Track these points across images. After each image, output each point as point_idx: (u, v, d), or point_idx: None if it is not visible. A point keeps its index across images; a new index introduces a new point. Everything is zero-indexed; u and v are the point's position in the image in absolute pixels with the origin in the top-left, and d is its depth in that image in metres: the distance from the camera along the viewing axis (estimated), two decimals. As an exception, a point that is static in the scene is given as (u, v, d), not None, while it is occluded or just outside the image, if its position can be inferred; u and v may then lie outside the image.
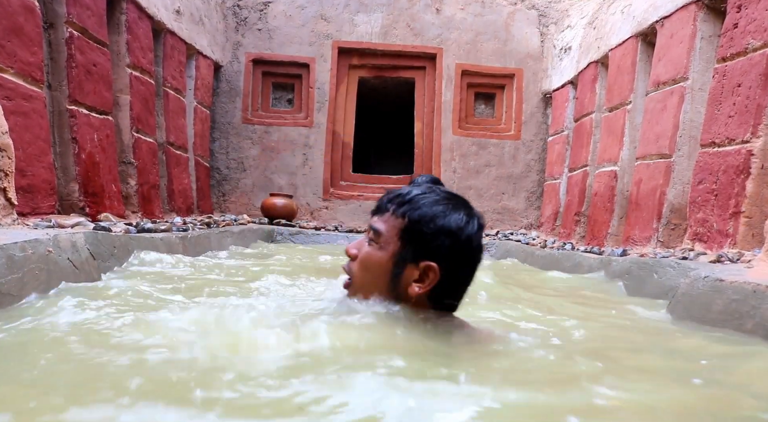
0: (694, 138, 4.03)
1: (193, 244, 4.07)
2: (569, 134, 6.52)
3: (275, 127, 7.40)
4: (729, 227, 3.41)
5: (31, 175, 3.49)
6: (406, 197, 1.56)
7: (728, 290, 2.10)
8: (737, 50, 3.53)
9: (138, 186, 4.93)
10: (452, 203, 1.55)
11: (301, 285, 2.59)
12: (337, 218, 7.36)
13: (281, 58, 7.38)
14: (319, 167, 7.39)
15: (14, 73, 3.39)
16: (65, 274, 2.19)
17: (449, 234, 1.51)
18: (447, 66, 7.44)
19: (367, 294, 1.58)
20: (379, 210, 1.62)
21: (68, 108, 3.98)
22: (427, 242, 1.51)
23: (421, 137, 7.60)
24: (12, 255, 1.90)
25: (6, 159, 2.64)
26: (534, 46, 7.48)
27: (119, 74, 4.78)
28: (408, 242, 1.53)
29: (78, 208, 3.99)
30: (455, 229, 1.51)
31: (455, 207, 1.54)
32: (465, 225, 1.52)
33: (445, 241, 1.50)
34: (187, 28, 6.02)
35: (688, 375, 1.33)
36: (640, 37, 4.89)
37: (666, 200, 4.15)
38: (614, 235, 4.96)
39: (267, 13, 7.37)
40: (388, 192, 1.64)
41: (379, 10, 7.41)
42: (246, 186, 7.37)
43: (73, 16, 3.96)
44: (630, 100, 4.97)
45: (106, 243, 2.82)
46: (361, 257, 1.62)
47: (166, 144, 5.68)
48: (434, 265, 1.50)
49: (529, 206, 7.48)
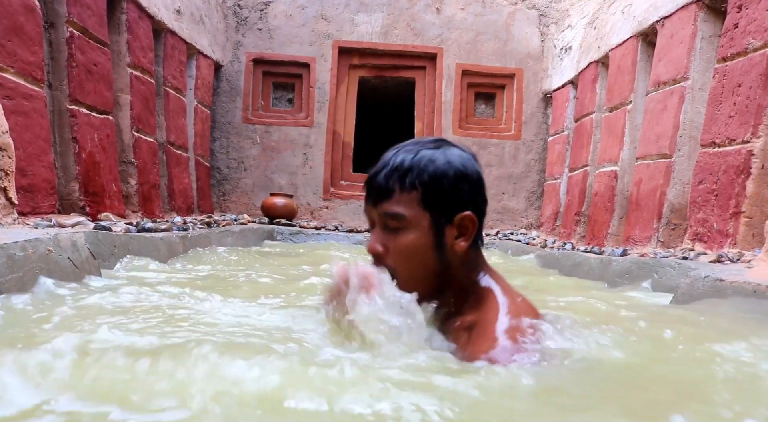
0: (694, 138, 4.03)
1: (194, 243, 4.07)
2: (569, 134, 6.52)
3: (276, 126, 7.41)
4: (729, 227, 3.41)
5: (32, 174, 3.49)
6: (402, 167, 1.45)
7: (728, 290, 2.10)
8: (737, 50, 3.53)
9: (138, 186, 4.94)
10: (440, 147, 1.49)
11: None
12: (338, 218, 7.36)
13: (282, 58, 7.38)
14: (320, 167, 7.39)
15: (15, 73, 3.39)
16: (65, 273, 2.19)
17: (463, 178, 1.46)
18: (447, 66, 7.44)
19: (419, 281, 1.46)
20: (380, 195, 1.49)
21: (69, 108, 3.98)
22: (450, 195, 1.45)
23: (422, 136, 7.59)
24: (12, 254, 1.91)
25: (6, 158, 2.64)
26: (534, 46, 7.48)
27: (120, 74, 4.78)
28: (434, 206, 1.45)
29: (78, 207, 3.99)
30: (463, 170, 1.47)
31: (445, 149, 1.48)
32: (466, 161, 1.49)
33: (464, 186, 1.46)
34: (187, 27, 6.02)
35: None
36: (641, 37, 4.89)
37: (666, 200, 4.15)
38: (614, 235, 4.96)
39: (267, 12, 7.37)
40: (372, 176, 1.51)
41: (379, 9, 7.41)
42: (246, 186, 7.37)
43: (74, 16, 3.96)
44: (630, 100, 4.97)
45: (106, 243, 2.82)
46: (394, 249, 1.46)
47: (166, 144, 5.68)
48: (468, 213, 1.46)
49: (530, 206, 7.48)
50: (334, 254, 4.48)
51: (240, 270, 3.23)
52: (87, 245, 2.49)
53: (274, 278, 2.93)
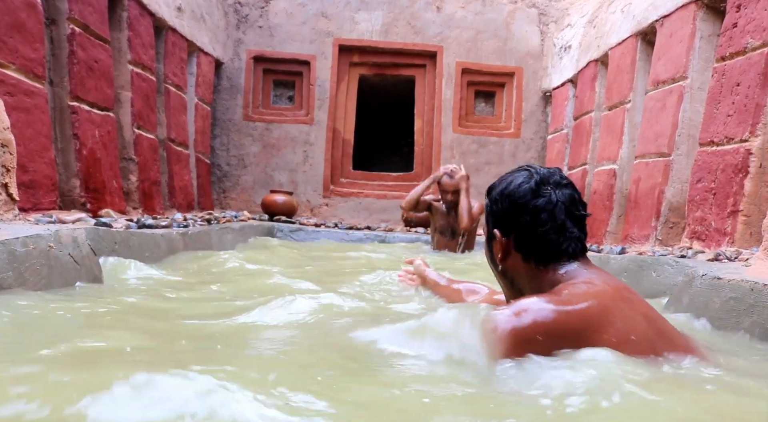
0: (692, 137, 4.04)
1: (194, 240, 4.08)
2: (569, 133, 6.53)
3: (276, 124, 7.42)
4: (727, 225, 3.42)
5: (33, 171, 3.50)
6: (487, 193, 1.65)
7: (726, 288, 2.11)
8: (736, 50, 3.54)
9: (139, 182, 4.95)
10: (516, 171, 1.60)
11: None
12: (338, 215, 7.37)
13: (282, 56, 7.38)
14: (320, 164, 7.40)
15: (16, 70, 3.40)
16: (66, 269, 2.20)
17: (504, 196, 1.55)
18: (447, 64, 7.45)
19: (501, 286, 1.69)
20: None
21: (70, 104, 3.99)
22: (493, 213, 1.59)
23: (422, 134, 7.62)
24: (14, 250, 1.92)
25: (8, 155, 2.65)
26: (534, 45, 7.48)
27: (120, 71, 4.79)
28: (487, 223, 1.62)
29: (79, 204, 4.00)
30: (508, 189, 1.55)
31: (515, 172, 1.60)
32: (519, 182, 1.55)
33: (504, 204, 1.55)
34: (188, 25, 6.03)
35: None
36: (640, 36, 4.90)
37: (665, 198, 4.17)
38: (613, 233, 4.97)
39: (268, 10, 7.37)
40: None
41: (379, 8, 7.42)
42: (246, 183, 7.38)
43: (75, 13, 3.97)
44: (629, 99, 4.98)
45: (107, 239, 2.83)
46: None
47: (167, 141, 5.69)
48: (495, 231, 1.57)
49: (529, 205, 7.48)
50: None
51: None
52: (88, 242, 2.50)
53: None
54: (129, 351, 1.30)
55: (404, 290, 2.50)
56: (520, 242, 1.54)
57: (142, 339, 1.42)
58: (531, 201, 1.51)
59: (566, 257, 1.51)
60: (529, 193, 1.52)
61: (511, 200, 1.53)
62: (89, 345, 1.30)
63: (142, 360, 1.22)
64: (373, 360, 1.28)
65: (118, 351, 1.29)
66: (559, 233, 1.50)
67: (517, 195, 1.53)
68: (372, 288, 2.69)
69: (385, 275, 2.86)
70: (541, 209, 1.51)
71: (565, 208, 1.51)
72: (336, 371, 1.20)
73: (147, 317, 1.80)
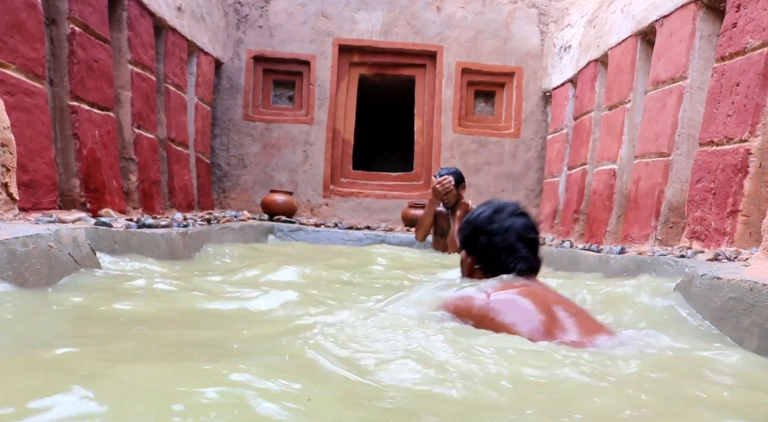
0: (692, 137, 4.04)
1: (194, 240, 4.08)
2: (569, 133, 6.53)
3: (276, 124, 7.42)
4: (727, 225, 3.42)
5: (33, 170, 3.50)
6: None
7: (725, 288, 2.11)
8: (736, 50, 3.55)
9: (139, 182, 4.95)
10: (482, 205, 2.08)
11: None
12: (338, 215, 7.38)
13: (282, 56, 7.38)
14: (320, 164, 7.40)
15: (16, 69, 3.40)
16: (66, 269, 2.21)
17: (468, 223, 2.07)
18: (447, 64, 7.45)
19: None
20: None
21: (70, 104, 3.99)
22: (461, 237, 2.10)
23: (422, 134, 7.62)
24: (14, 250, 1.92)
25: (8, 155, 2.65)
26: (534, 45, 7.48)
27: (120, 71, 4.79)
28: (459, 244, 2.15)
29: (79, 203, 4.00)
30: (471, 217, 2.06)
31: (481, 205, 2.08)
32: (479, 212, 2.04)
33: (468, 229, 2.06)
34: (188, 25, 6.03)
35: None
36: (640, 36, 4.90)
37: (664, 198, 4.17)
38: (613, 233, 4.98)
39: (268, 10, 7.37)
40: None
41: (379, 8, 7.42)
42: (246, 183, 7.38)
43: (75, 13, 3.97)
44: (629, 99, 4.99)
45: (107, 238, 2.84)
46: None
47: (167, 140, 5.70)
48: (463, 251, 2.10)
49: (528, 204, 7.48)
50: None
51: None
52: (87, 241, 2.51)
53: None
54: (129, 351, 1.30)
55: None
56: (480, 260, 2.02)
57: (142, 339, 1.42)
58: (486, 226, 1.99)
59: (514, 273, 1.94)
60: (486, 220, 2.00)
61: (472, 226, 2.04)
62: (78, 345, 1.30)
63: (142, 359, 1.22)
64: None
65: (118, 351, 1.29)
66: (510, 254, 1.96)
67: (477, 222, 2.02)
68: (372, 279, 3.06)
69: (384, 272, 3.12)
70: (495, 233, 1.97)
71: (516, 233, 1.96)
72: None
73: (147, 317, 1.80)
